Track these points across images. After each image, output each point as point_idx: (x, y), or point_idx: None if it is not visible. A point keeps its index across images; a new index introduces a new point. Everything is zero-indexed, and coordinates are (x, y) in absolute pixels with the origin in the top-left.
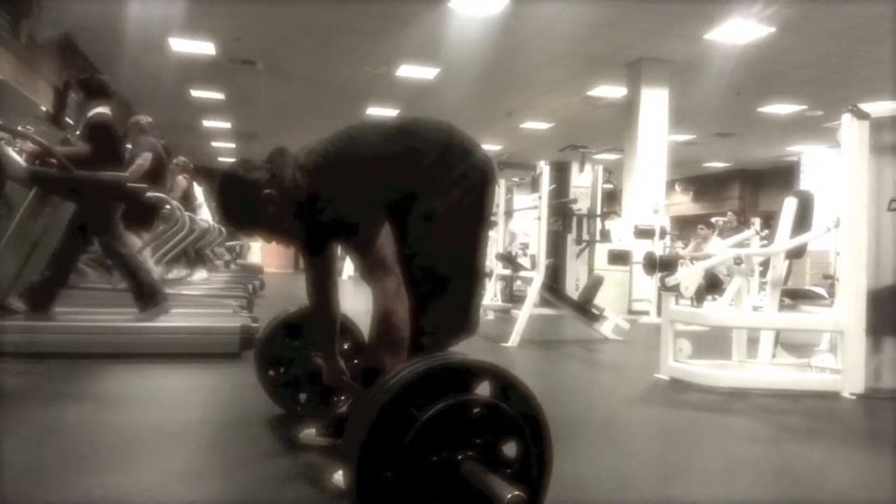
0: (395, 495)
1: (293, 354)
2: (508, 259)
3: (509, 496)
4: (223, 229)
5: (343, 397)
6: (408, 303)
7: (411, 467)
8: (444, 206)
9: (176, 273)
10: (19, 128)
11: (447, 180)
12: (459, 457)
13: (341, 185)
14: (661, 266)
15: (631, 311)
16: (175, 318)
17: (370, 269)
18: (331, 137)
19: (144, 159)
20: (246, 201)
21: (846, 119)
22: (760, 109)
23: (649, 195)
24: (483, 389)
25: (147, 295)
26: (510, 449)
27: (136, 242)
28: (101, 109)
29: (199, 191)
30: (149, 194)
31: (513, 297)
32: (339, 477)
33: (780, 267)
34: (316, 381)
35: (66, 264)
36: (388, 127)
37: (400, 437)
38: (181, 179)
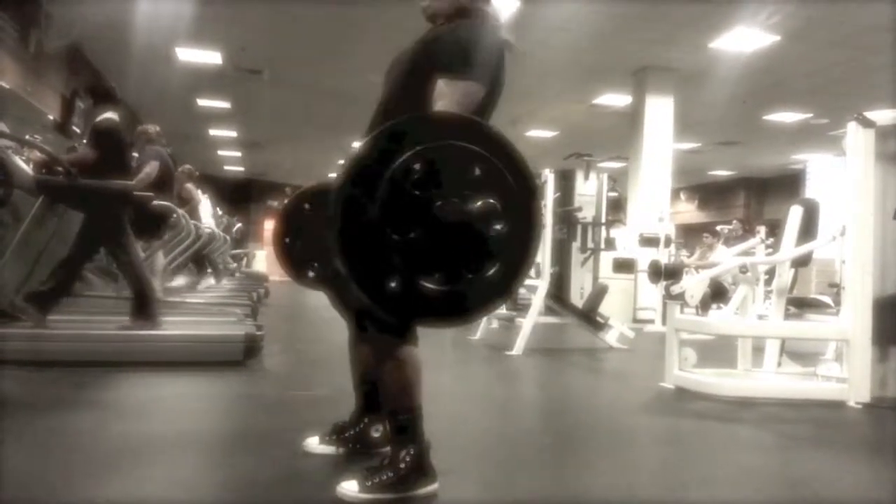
0: (376, 233)
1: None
2: None
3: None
4: (227, 237)
5: None
6: None
7: (390, 210)
8: None
9: (182, 281)
10: (26, 137)
11: None
12: (439, 201)
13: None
14: (666, 274)
15: (636, 320)
16: (179, 327)
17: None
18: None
19: (152, 168)
20: None
21: (852, 127)
22: (766, 117)
23: (654, 203)
24: None
25: (146, 311)
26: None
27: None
28: (109, 115)
29: (203, 199)
30: (155, 203)
31: (517, 306)
32: (344, 487)
33: (785, 275)
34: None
35: (72, 273)
36: None
37: (377, 184)
38: (192, 188)
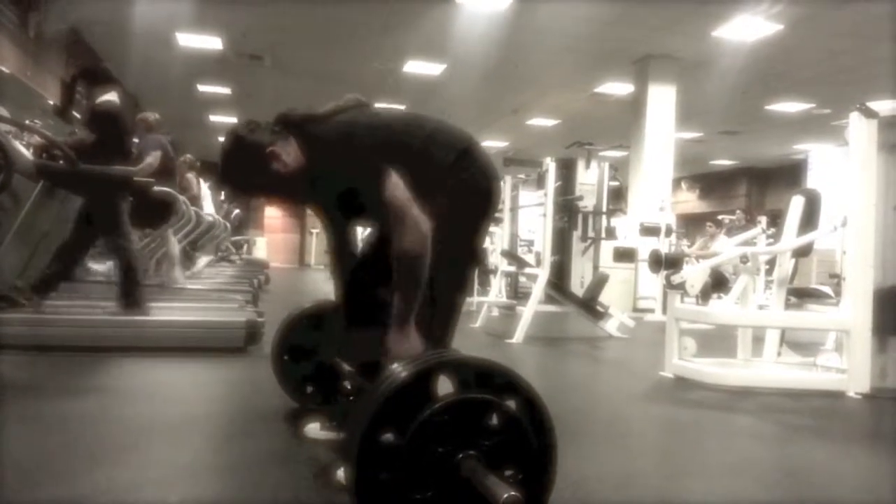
0: (393, 493)
1: (312, 345)
2: (513, 256)
3: (505, 496)
4: (228, 224)
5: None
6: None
7: (410, 465)
8: (454, 204)
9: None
10: (26, 121)
11: (458, 183)
12: (460, 455)
13: (348, 162)
14: (667, 264)
15: (636, 309)
16: (180, 313)
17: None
18: (348, 115)
19: (154, 158)
20: (249, 162)
21: (854, 117)
22: (768, 107)
23: (655, 193)
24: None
25: (133, 297)
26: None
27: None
28: (108, 97)
29: (204, 186)
30: (157, 189)
31: (518, 294)
32: (343, 474)
33: (786, 265)
34: (326, 376)
35: (72, 257)
36: (408, 117)
37: (400, 434)
38: (192, 178)
